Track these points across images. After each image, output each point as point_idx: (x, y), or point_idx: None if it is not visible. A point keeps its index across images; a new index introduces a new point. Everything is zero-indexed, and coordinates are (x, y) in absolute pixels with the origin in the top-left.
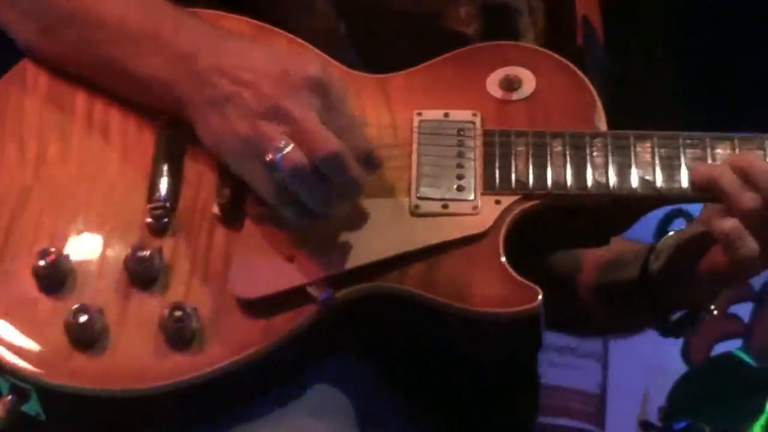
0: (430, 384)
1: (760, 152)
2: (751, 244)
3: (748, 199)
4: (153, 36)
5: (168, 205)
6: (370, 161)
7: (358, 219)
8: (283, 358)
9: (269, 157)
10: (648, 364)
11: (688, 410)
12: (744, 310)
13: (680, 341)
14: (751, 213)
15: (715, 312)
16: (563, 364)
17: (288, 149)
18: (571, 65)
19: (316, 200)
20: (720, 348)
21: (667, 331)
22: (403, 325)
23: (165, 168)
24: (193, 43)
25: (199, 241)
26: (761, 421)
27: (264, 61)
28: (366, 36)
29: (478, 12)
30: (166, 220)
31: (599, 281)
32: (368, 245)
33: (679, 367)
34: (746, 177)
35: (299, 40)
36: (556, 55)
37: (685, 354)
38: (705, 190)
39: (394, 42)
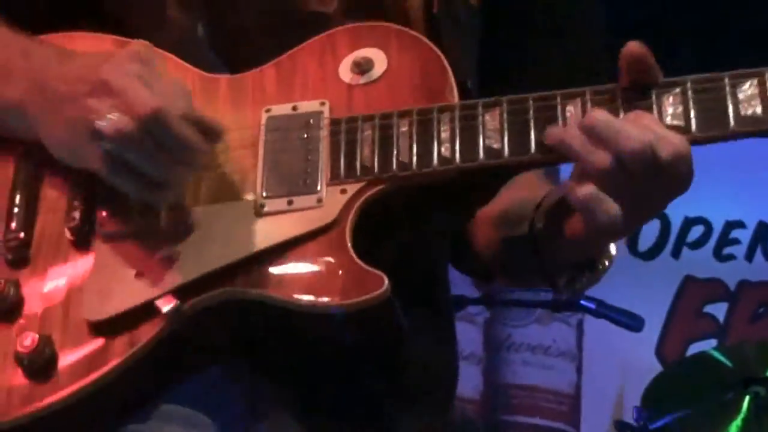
0: (303, 388)
1: (617, 103)
2: (609, 209)
3: (599, 158)
4: (4, 66)
5: (22, 236)
6: (203, 126)
7: (203, 226)
8: (146, 375)
9: (95, 127)
10: (622, 364)
11: (663, 410)
12: (718, 310)
13: (654, 341)
14: (604, 173)
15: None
16: (536, 363)
17: (112, 116)
18: (421, 37)
19: (149, 165)
20: (695, 348)
21: (558, 289)
22: (266, 329)
23: (19, 199)
24: (42, 66)
25: (56, 267)
26: (737, 421)
27: (97, 59)
28: (226, 34)
29: None
30: (21, 251)
31: (499, 235)
32: (214, 251)
33: (654, 367)
34: (595, 135)
35: (157, 49)
36: (406, 30)
37: (660, 353)
38: (555, 153)
39: (256, 34)
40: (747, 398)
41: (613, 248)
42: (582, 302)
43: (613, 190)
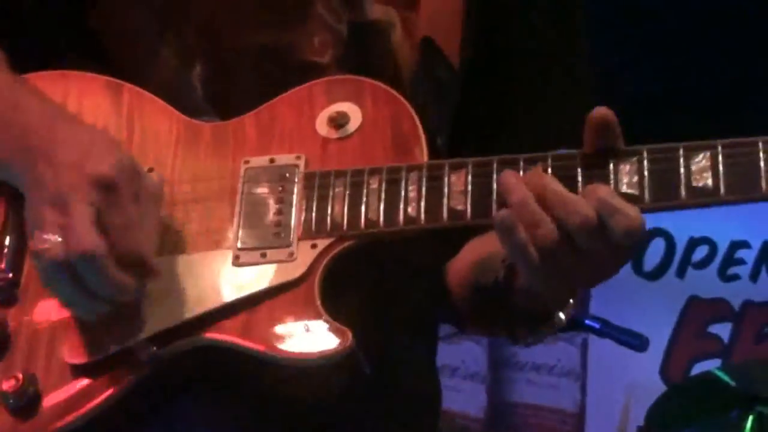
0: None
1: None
2: (532, 256)
3: (546, 232)
4: None
5: (11, 275)
6: (142, 268)
7: (181, 274)
8: (123, 413)
9: (35, 246)
10: (626, 383)
11: (667, 429)
12: (723, 330)
13: (659, 360)
14: (550, 244)
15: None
16: (541, 383)
17: (52, 241)
18: (393, 93)
19: (70, 295)
20: (699, 367)
21: (516, 340)
22: (239, 374)
23: (9, 240)
24: (27, 123)
25: (43, 307)
26: None
27: (74, 147)
28: (221, 77)
29: (334, 39)
30: (10, 290)
31: (471, 284)
32: (189, 300)
33: (659, 386)
34: (544, 201)
35: (146, 93)
36: (380, 85)
37: (664, 373)
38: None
39: (250, 80)
40: (751, 418)
41: (563, 314)
42: (587, 322)
43: (560, 260)
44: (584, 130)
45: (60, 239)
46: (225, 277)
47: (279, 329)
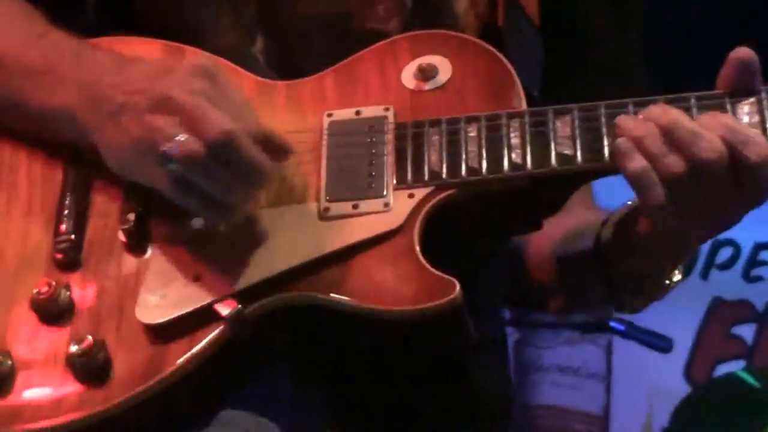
0: (364, 399)
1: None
2: (656, 190)
3: (673, 162)
4: (54, 69)
5: (74, 237)
6: (271, 145)
7: (265, 229)
8: (204, 381)
9: (162, 148)
10: (651, 385)
11: (691, 430)
12: (747, 332)
13: (683, 362)
14: (676, 179)
15: (670, 282)
16: (566, 384)
17: (180, 137)
18: (486, 46)
19: (217, 187)
20: (723, 369)
21: (622, 305)
22: (329, 336)
23: (70, 201)
24: (95, 72)
25: (108, 271)
26: None
27: (156, 69)
28: (284, 48)
29: (398, 5)
30: (72, 253)
31: (555, 254)
32: (276, 255)
33: (683, 388)
34: (672, 138)
35: (210, 55)
36: (470, 38)
37: (688, 374)
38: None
39: (313, 49)
40: None
41: (677, 273)
42: (611, 323)
43: (687, 197)
44: (723, 69)
45: (185, 135)
46: (314, 230)
47: (377, 282)
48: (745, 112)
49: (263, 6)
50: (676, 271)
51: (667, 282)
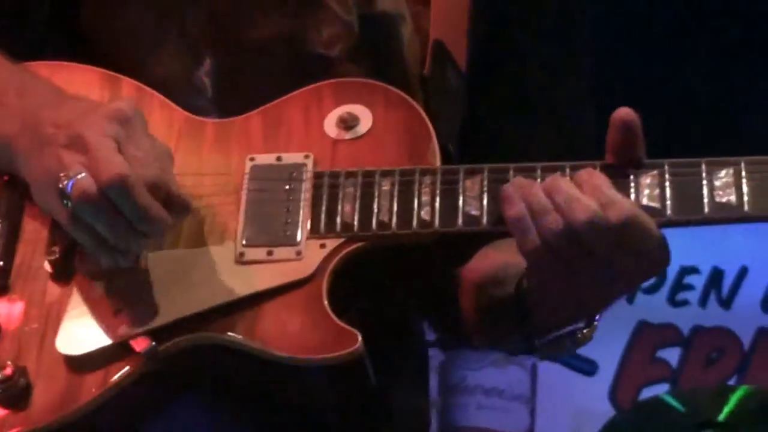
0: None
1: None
2: (532, 237)
3: (551, 219)
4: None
5: (1, 263)
6: (170, 198)
7: (184, 268)
8: (118, 410)
9: (61, 184)
10: (576, 408)
11: None
12: (672, 355)
13: (608, 385)
14: (553, 234)
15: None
16: (490, 406)
17: (79, 176)
18: (407, 98)
19: (107, 230)
20: (648, 392)
21: (534, 351)
22: (241, 372)
23: (2, 227)
24: (35, 104)
25: (33, 298)
26: None
27: (85, 108)
28: (231, 70)
29: (344, 31)
30: (0, 279)
31: (477, 292)
32: (192, 296)
33: (608, 411)
34: (552, 198)
35: (145, 88)
36: (393, 89)
37: (613, 397)
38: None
39: (259, 72)
40: None
41: (596, 322)
42: None
43: (570, 255)
44: (607, 134)
45: (85, 174)
46: (229, 273)
47: (284, 329)
48: (647, 184)
49: (210, 29)
50: (585, 330)
51: (579, 336)
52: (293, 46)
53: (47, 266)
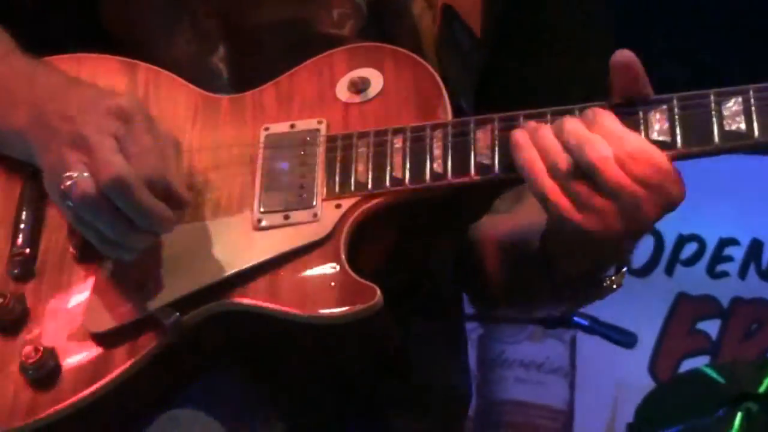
0: (310, 396)
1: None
2: (544, 180)
3: (561, 159)
4: (11, 92)
5: (28, 251)
6: (168, 193)
7: (204, 240)
8: (148, 384)
9: (63, 185)
10: (615, 380)
11: (656, 426)
12: (711, 327)
13: (647, 357)
14: (562, 173)
15: (611, 283)
16: (529, 380)
17: (80, 177)
18: (416, 58)
19: (109, 229)
20: (688, 364)
21: (563, 300)
22: (265, 337)
23: (26, 215)
24: (44, 96)
25: (61, 281)
26: None
27: (88, 96)
28: (244, 55)
29: (354, 10)
30: (27, 266)
31: (502, 251)
32: (211, 265)
33: (647, 383)
34: (561, 138)
35: (162, 71)
36: (402, 50)
37: (653, 370)
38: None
39: (272, 55)
40: (739, 415)
41: (615, 276)
42: (575, 319)
43: (581, 193)
44: (610, 76)
45: (87, 174)
46: (248, 240)
47: (305, 290)
48: (657, 119)
49: (223, 15)
50: (614, 276)
51: (605, 284)
52: (304, 28)
53: (71, 249)
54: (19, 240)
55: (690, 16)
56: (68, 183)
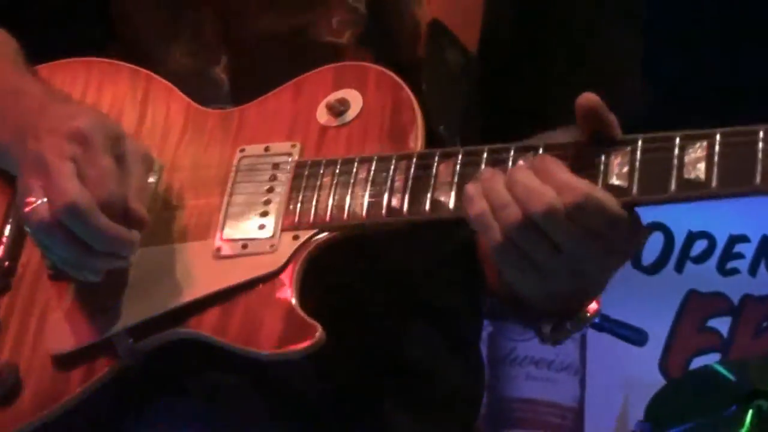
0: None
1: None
2: (494, 234)
3: (510, 213)
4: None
5: (7, 264)
6: (126, 213)
7: (165, 266)
8: (104, 405)
9: (23, 210)
10: (626, 378)
11: (666, 424)
12: (722, 324)
13: (658, 355)
14: (513, 227)
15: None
16: (540, 377)
17: (37, 203)
18: (397, 80)
19: (66, 253)
20: (698, 362)
21: (544, 337)
22: (219, 364)
23: (9, 228)
24: (25, 108)
25: (33, 298)
26: None
27: (58, 118)
28: (246, 65)
29: (353, 18)
30: (5, 278)
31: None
32: (168, 292)
33: (658, 381)
34: (512, 190)
35: (162, 81)
36: (385, 72)
37: (664, 367)
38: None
39: (273, 65)
40: (750, 412)
41: (594, 303)
42: None
43: (523, 245)
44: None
45: (44, 200)
46: (206, 268)
47: (252, 324)
48: (618, 162)
49: (224, 25)
50: (588, 311)
51: (580, 318)
52: (303, 37)
53: (47, 267)
54: (0, 253)
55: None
56: (27, 209)
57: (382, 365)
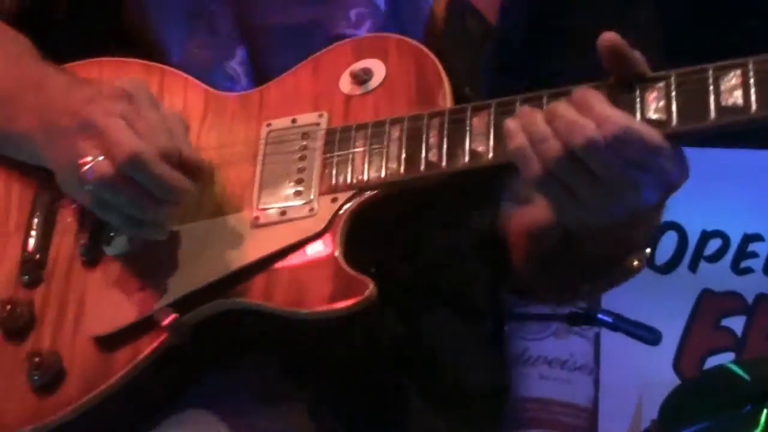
0: (310, 388)
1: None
2: (535, 167)
3: (550, 146)
4: (19, 96)
5: (38, 257)
6: (186, 163)
7: (203, 241)
8: (152, 385)
9: (80, 172)
10: (639, 377)
11: (680, 423)
12: (736, 324)
13: (672, 354)
14: (554, 160)
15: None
16: (554, 377)
17: (95, 161)
18: (418, 45)
19: (131, 206)
20: (712, 361)
21: (580, 291)
22: (264, 332)
23: (37, 221)
24: (50, 97)
25: (67, 286)
26: None
27: (91, 92)
28: (262, 58)
29: (371, 10)
30: (36, 272)
31: (530, 248)
32: (210, 265)
33: (672, 380)
34: (552, 124)
35: (177, 72)
36: (406, 39)
37: (678, 367)
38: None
39: (289, 57)
40: (765, 411)
41: (636, 260)
42: (599, 316)
43: (564, 176)
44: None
45: (101, 157)
46: (246, 238)
47: (301, 286)
48: (654, 97)
49: (241, 19)
50: (635, 260)
51: (626, 268)
52: (321, 30)
53: (78, 254)
54: (30, 246)
55: None
56: (85, 168)
57: (405, 358)
